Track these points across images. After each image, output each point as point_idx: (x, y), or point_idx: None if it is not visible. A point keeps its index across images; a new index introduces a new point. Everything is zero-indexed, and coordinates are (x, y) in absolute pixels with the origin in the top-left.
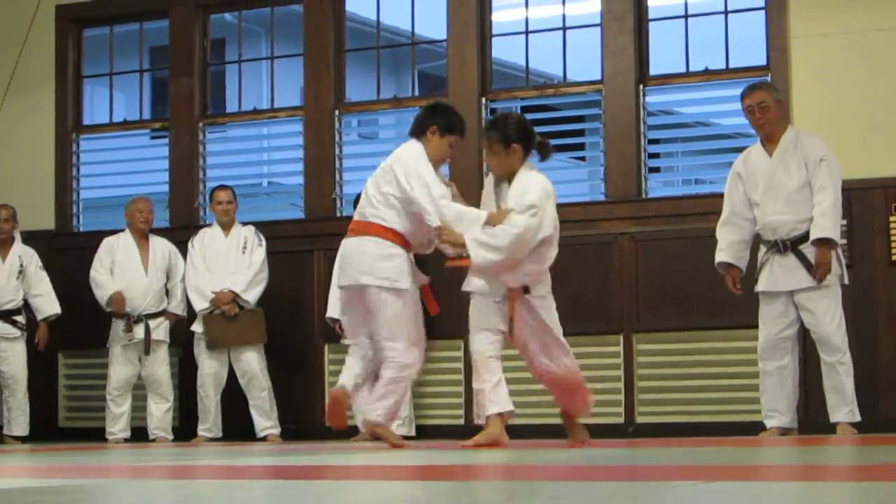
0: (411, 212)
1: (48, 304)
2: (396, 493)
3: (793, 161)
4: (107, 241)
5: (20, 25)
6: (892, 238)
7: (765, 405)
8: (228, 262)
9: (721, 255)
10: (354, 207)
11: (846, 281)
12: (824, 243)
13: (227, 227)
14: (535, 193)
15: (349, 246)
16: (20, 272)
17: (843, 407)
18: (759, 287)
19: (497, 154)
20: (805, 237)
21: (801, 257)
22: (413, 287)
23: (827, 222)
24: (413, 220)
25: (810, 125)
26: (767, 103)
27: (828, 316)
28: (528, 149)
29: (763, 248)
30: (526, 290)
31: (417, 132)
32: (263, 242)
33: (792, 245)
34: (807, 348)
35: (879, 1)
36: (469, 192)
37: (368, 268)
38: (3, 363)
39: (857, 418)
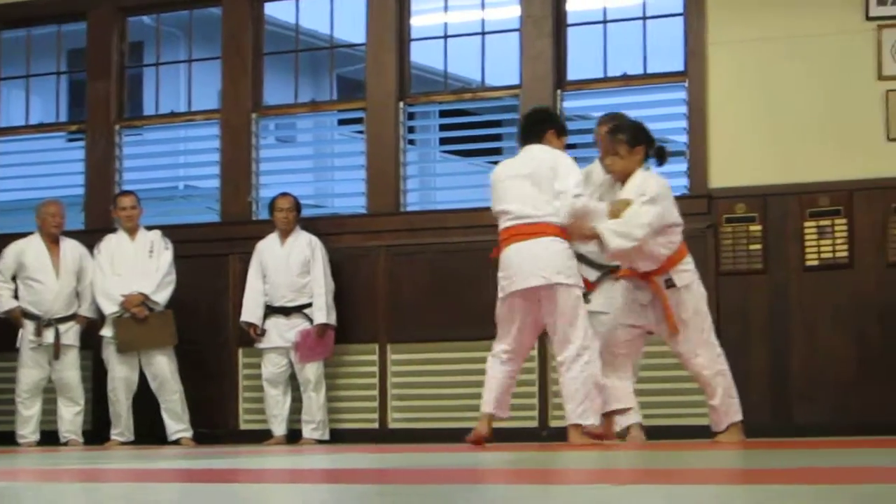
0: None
1: None
2: (308, 496)
3: None
4: (13, 246)
5: None
6: (807, 243)
7: None
8: (136, 266)
9: None
10: (270, 213)
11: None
12: None
13: (132, 231)
14: (654, 188)
15: (524, 249)
16: None
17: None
18: None
19: (622, 156)
20: None
21: None
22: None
23: None
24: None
25: (727, 131)
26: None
27: None
28: (647, 152)
29: None
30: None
31: (535, 137)
32: (170, 246)
33: None
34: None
35: (796, 7)
36: (385, 190)
37: (561, 267)
38: None
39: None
